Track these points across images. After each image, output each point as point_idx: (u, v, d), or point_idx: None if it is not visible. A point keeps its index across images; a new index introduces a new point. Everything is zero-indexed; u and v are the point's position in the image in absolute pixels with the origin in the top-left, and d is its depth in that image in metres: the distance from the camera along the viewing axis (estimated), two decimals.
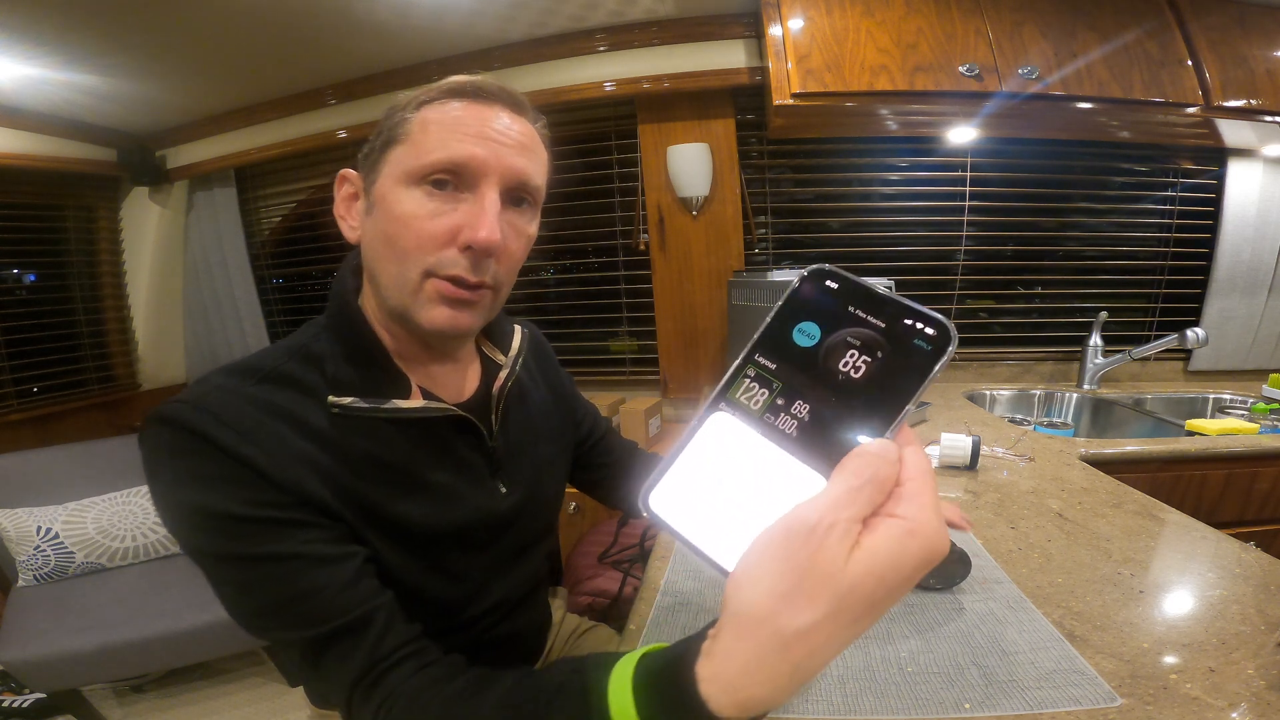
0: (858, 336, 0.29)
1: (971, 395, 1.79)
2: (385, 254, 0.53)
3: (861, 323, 0.29)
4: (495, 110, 0.54)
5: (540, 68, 1.84)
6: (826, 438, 0.28)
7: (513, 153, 0.53)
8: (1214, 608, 0.64)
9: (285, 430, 0.50)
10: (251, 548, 0.46)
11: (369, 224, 0.55)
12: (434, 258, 0.52)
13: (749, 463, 0.29)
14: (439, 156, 0.51)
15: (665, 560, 0.80)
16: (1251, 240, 1.79)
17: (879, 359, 0.29)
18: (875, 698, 0.52)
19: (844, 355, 0.29)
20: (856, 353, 0.29)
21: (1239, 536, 0.80)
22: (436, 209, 0.52)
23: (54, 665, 1.45)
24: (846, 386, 0.29)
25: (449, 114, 0.52)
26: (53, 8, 1.39)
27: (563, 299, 2.23)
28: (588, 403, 0.89)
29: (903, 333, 0.29)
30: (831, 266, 0.31)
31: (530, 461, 0.69)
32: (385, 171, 0.53)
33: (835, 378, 0.29)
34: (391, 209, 0.52)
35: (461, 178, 0.52)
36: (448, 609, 0.60)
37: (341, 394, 0.54)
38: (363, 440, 0.54)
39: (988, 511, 0.91)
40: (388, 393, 0.56)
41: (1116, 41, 1.45)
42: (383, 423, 0.55)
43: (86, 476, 1.90)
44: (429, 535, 0.57)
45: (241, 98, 2.09)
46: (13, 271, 2.29)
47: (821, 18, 1.46)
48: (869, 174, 1.92)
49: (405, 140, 0.53)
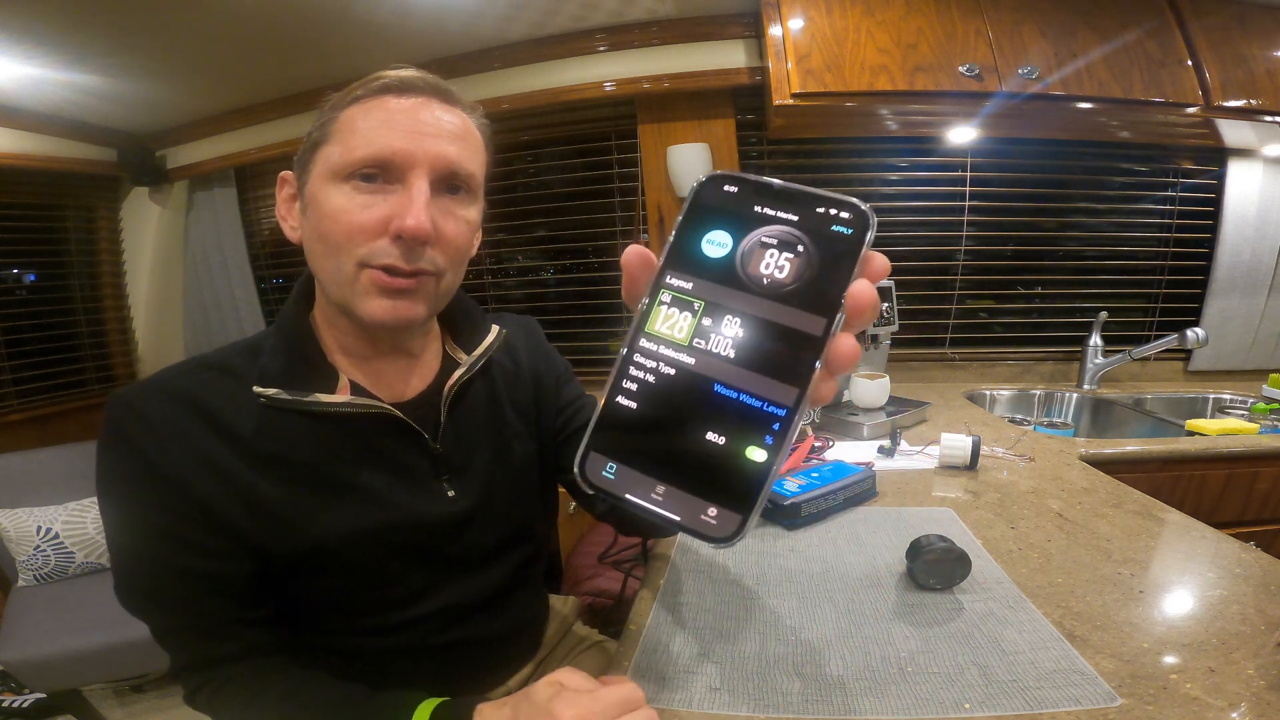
0: (773, 235, 0.27)
1: (971, 395, 1.79)
2: (320, 250, 0.54)
3: (774, 220, 0.27)
4: (423, 102, 0.54)
5: (540, 68, 1.84)
6: (768, 348, 0.26)
7: (442, 141, 0.54)
8: (1214, 608, 0.64)
9: (197, 429, 0.53)
10: (132, 539, 0.53)
11: (305, 223, 0.57)
12: (365, 249, 0.52)
13: (686, 399, 0.27)
14: (364, 152, 0.52)
15: (666, 560, 0.80)
16: (1251, 240, 1.79)
17: (802, 253, 0.27)
18: (875, 698, 0.52)
19: (764, 257, 0.27)
20: (776, 251, 0.27)
21: (1239, 536, 0.80)
22: (365, 201, 0.52)
23: (54, 665, 1.46)
24: (775, 289, 0.27)
25: (373, 110, 0.53)
26: (53, 8, 1.39)
27: (563, 299, 2.22)
28: (583, 396, 0.82)
29: (819, 222, 0.27)
30: (726, 170, 0.29)
31: (487, 466, 0.66)
32: (315, 171, 0.55)
33: (761, 282, 0.27)
34: (322, 206, 0.53)
35: (389, 171, 0.53)
36: (375, 610, 0.60)
37: (267, 385, 0.55)
38: (280, 439, 0.55)
39: (988, 511, 0.91)
40: (312, 386, 0.56)
41: (1116, 41, 1.45)
42: (307, 418, 0.56)
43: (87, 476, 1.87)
44: (347, 536, 0.56)
45: (241, 98, 2.09)
46: (13, 271, 2.29)
47: (821, 18, 1.46)
48: (869, 174, 1.92)
49: (332, 139, 0.54)
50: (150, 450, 0.52)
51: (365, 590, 0.59)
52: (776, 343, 0.26)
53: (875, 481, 1.01)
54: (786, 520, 0.88)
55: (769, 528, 0.88)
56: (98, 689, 1.75)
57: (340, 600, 0.59)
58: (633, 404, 0.28)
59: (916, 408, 1.45)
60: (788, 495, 0.88)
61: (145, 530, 0.52)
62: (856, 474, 0.97)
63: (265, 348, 0.58)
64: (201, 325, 2.56)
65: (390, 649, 0.55)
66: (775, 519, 0.89)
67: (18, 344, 2.18)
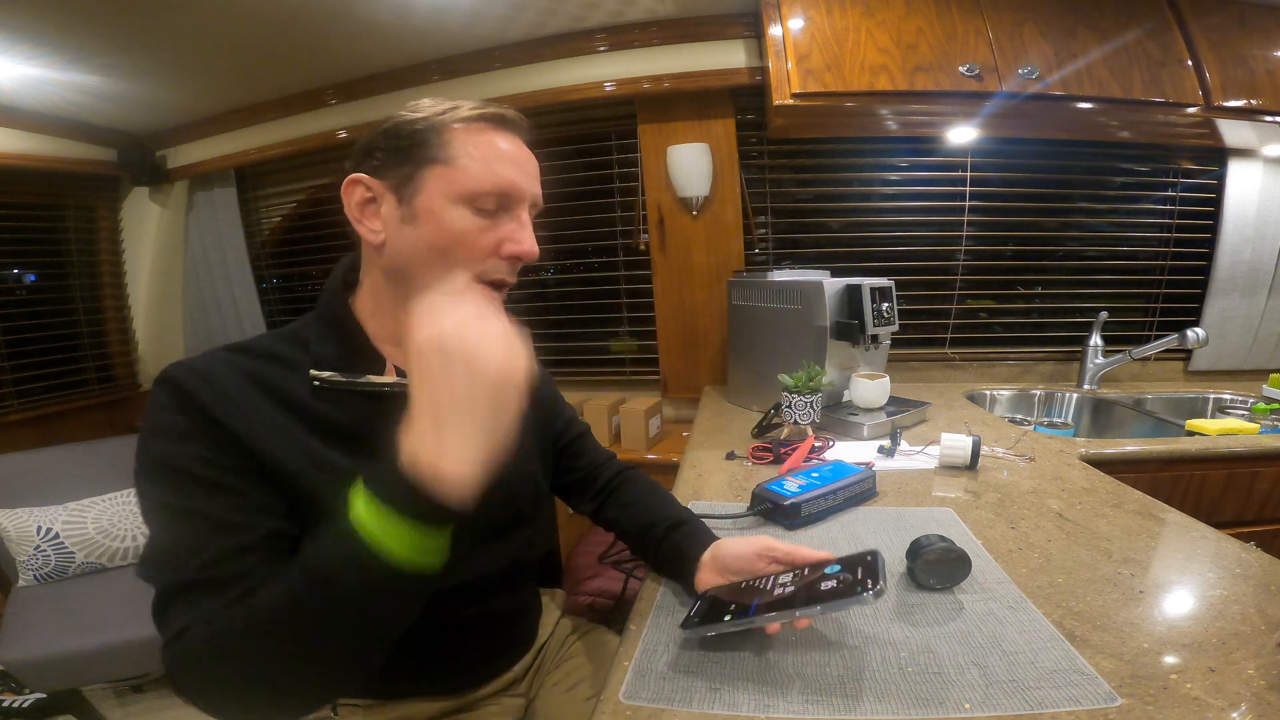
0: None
1: (971, 395, 1.79)
2: (434, 260, 0.60)
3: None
4: (518, 139, 0.64)
5: (540, 68, 1.84)
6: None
7: (534, 180, 0.64)
8: (1214, 608, 0.64)
9: (263, 401, 0.57)
10: (187, 501, 0.51)
11: (409, 233, 0.60)
12: (481, 265, 0.61)
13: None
14: (492, 185, 0.60)
15: None
16: (1251, 240, 1.79)
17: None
18: (875, 698, 0.52)
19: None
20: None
21: (1239, 536, 0.80)
22: (484, 225, 0.61)
23: (54, 665, 1.46)
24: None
25: (489, 142, 0.61)
26: (53, 8, 1.39)
27: (563, 299, 2.22)
28: (566, 405, 0.93)
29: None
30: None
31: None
32: (431, 188, 0.59)
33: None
34: (444, 224, 0.59)
35: (506, 201, 0.61)
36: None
37: (322, 368, 0.62)
38: (339, 410, 0.61)
39: (988, 511, 0.91)
40: (363, 369, 0.63)
41: (1116, 41, 1.45)
42: (359, 396, 0.63)
43: (86, 476, 1.90)
44: None
45: (242, 98, 2.09)
46: (13, 271, 2.29)
47: (821, 18, 1.46)
48: (869, 174, 1.92)
49: (451, 162, 0.59)
50: (219, 411, 0.54)
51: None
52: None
53: (875, 481, 1.01)
54: (786, 520, 0.88)
55: (769, 528, 0.88)
56: (98, 689, 1.75)
57: None
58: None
59: (916, 408, 1.45)
60: (788, 495, 0.88)
61: (200, 485, 0.51)
62: (856, 474, 0.97)
63: (310, 335, 0.64)
64: (201, 325, 2.56)
65: (417, 627, 0.54)
66: (775, 519, 0.89)
67: (18, 344, 2.18)
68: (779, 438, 1.27)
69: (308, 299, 2.53)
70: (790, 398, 1.25)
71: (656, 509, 0.81)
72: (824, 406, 1.38)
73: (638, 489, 0.87)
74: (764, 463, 1.18)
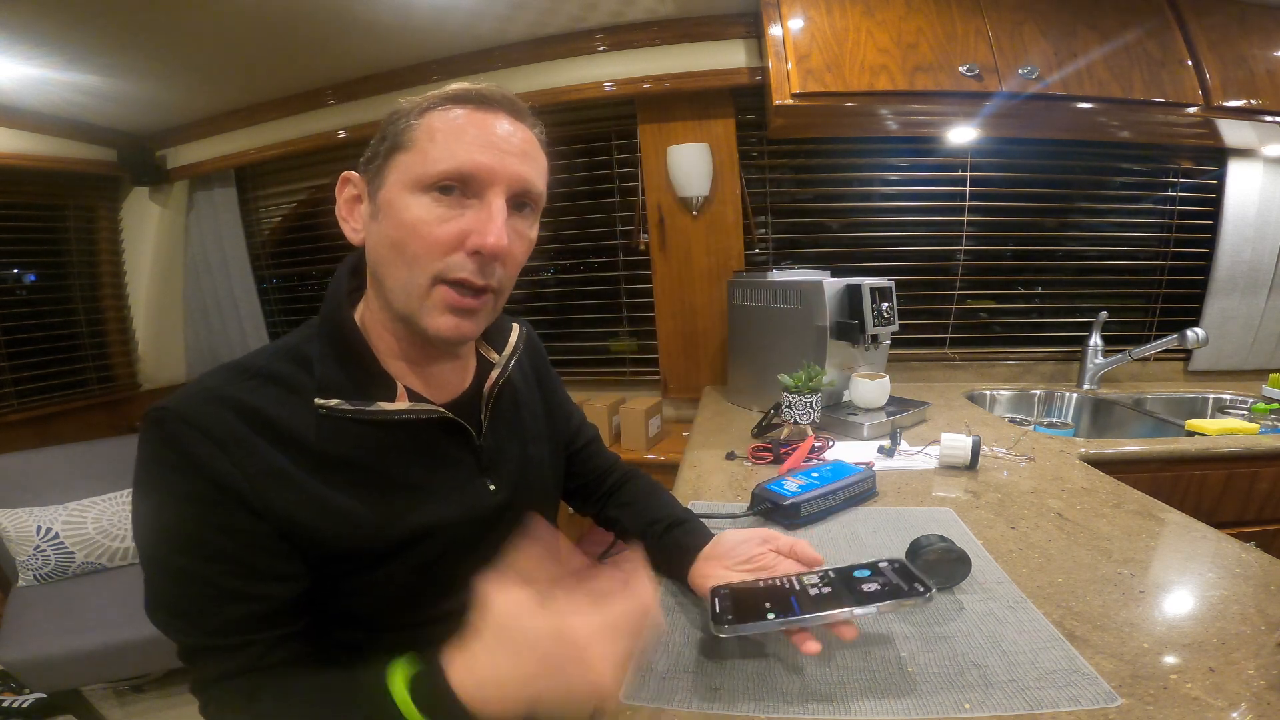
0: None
1: (971, 395, 1.79)
2: (393, 259, 0.54)
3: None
4: (498, 117, 0.55)
5: (540, 68, 1.84)
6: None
7: (516, 160, 0.55)
8: (1214, 608, 0.63)
9: (262, 440, 0.51)
10: (189, 564, 0.48)
11: (375, 228, 0.56)
12: (442, 262, 0.53)
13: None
14: (447, 165, 0.52)
15: None
16: (1251, 240, 1.79)
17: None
18: (875, 698, 0.52)
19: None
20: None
21: (1239, 536, 0.80)
22: (444, 214, 0.53)
23: (54, 665, 1.46)
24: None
25: (454, 121, 0.53)
26: (53, 8, 1.39)
27: (563, 299, 2.22)
28: (575, 408, 0.90)
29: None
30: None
31: (518, 460, 0.70)
32: (392, 178, 0.54)
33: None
34: (399, 215, 0.53)
35: (468, 185, 0.53)
36: (434, 601, 0.61)
37: (328, 396, 0.55)
38: (344, 444, 0.55)
39: (988, 511, 0.91)
40: (373, 395, 0.57)
41: (1117, 41, 1.45)
42: (367, 425, 0.57)
43: (86, 476, 1.90)
44: (413, 534, 0.58)
45: (241, 98, 2.09)
46: (13, 271, 2.29)
47: (821, 18, 1.46)
48: (869, 174, 1.92)
49: (411, 147, 0.53)
50: (219, 467, 0.49)
51: (422, 586, 0.60)
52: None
53: (875, 481, 1.01)
54: (786, 520, 0.88)
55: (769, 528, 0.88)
56: (98, 689, 1.75)
57: (402, 594, 0.60)
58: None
59: (916, 408, 1.45)
60: (788, 495, 0.88)
61: (203, 552, 0.49)
62: (856, 474, 0.97)
63: (314, 355, 0.57)
64: (201, 325, 2.57)
65: (436, 639, 0.55)
66: (775, 519, 0.89)
67: (18, 344, 2.18)
68: (779, 438, 1.27)
69: (308, 299, 2.54)
70: (790, 398, 1.25)
71: (658, 508, 0.81)
72: (824, 406, 1.38)
73: (639, 489, 0.87)
74: (764, 463, 1.18)
